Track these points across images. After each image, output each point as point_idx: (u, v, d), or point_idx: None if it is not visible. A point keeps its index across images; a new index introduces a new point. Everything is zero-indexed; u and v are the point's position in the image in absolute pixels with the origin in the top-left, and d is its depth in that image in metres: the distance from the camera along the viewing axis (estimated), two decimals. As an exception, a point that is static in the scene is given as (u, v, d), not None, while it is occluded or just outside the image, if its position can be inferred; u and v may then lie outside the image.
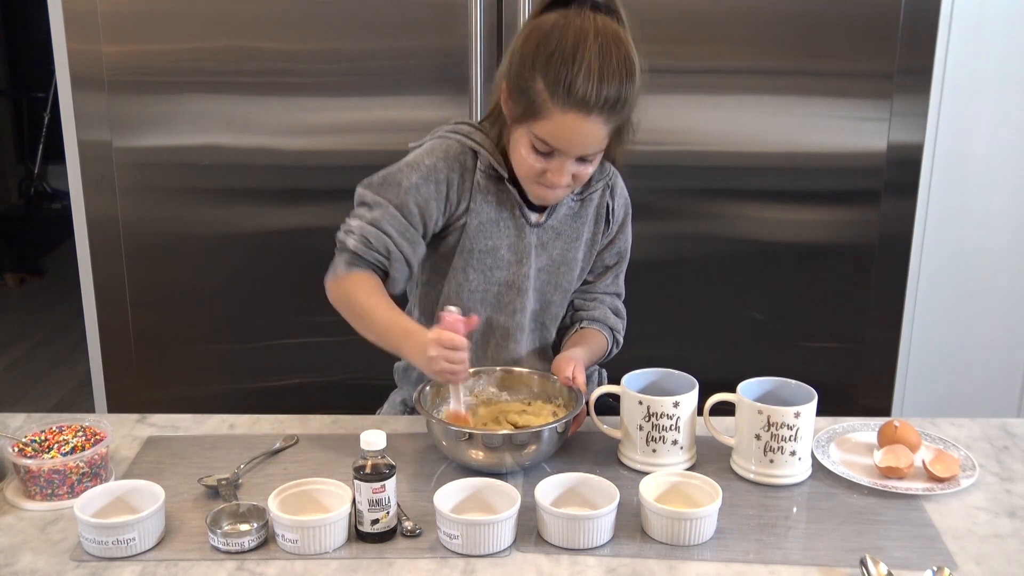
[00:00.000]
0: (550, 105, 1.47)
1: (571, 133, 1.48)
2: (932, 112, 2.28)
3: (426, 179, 1.59)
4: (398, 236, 1.59)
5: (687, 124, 2.26)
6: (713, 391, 1.51)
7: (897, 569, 1.27)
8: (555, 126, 1.48)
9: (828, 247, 2.33)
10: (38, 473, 1.40)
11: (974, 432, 1.64)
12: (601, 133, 1.50)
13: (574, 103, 1.45)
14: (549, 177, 1.54)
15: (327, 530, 1.29)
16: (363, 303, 1.58)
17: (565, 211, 1.68)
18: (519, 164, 1.57)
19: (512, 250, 1.65)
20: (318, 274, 2.37)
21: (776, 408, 1.45)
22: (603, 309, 1.77)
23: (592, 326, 1.75)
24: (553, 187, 1.56)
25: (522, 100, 1.50)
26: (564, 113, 1.46)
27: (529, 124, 1.50)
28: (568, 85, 1.44)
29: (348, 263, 1.61)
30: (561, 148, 1.50)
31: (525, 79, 1.49)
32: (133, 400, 2.35)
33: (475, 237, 1.63)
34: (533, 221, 1.66)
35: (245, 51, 2.21)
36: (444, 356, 1.44)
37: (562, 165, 1.52)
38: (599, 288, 1.77)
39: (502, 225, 1.64)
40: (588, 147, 1.52)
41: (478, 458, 1.45)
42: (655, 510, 1.33)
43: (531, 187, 1.59)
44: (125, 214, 2.30)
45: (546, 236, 1.67)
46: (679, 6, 2.18)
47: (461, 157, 1.61)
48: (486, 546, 1.29)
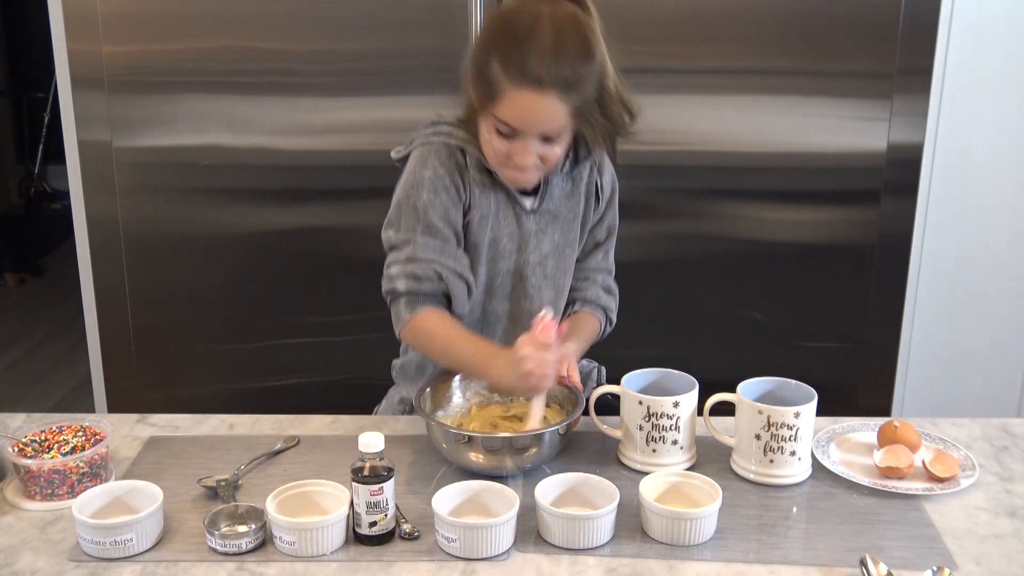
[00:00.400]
0: (506, 84, 1.48)
1: (528, 111, 1.49)
2: (932, 112, 2.28)
3: (435, 191, 1.59)
4: (438, 257, 1.59)
5: (687, 124, 2.26)
6: (713, 391, 1.51)
7: (897, 569, 1.27)
8: (512, 105, 1.49)
9: (828, 247, 2.33)
10: (38, 473, 1.40)
11: (974, 432, 1.64)
12: (559, 111, 1.50)
13: (527, 80, 1.47)
14: (515, 159, 1.54)
15: (325, 532, 1.29)
16: (442, 338, 1.59)
17: (559, 193, 1.68)
18: (487, 150, 1.58)
19: (512, 239, 1.66)
20: (318, 274, 2.37)
21: (776, 408, 1.45)
22: (595, 289, 1.76)
23: (584, 309, 1.75)
24: (521, 170, 1.56)
25: (482, 84, 1.52)
26: (519, 91, 1.48)
27: (491, 108, 1.52)
28: (521, 63, 1.46)
29: (409, 305, 1.60)
30: (520, 128, 1.51)
31: (484, 63, 1.51)
32: (133, 400, 2.35)
33: (478, 231, 1.63)
34: (528, 207, 1.66)
35: (245, 51, 2.21)
36: (535, 358, 1.45)
37: (526, 146, 1.53)
38: (590, 265, 1.77)
39: (501, 216, 1.65)
40: (547, 125, 1.52)
41: (478, 461, 1.45)
42: (655, 510, 1.33)
43: (502, 171, 1.60)
44: (125, 214, 2.30)
45: (544, 221, 1.68)
46: (679, 6, 2.18)
47: (453, 157, 1.61)
48: (484, 549, 1.28)
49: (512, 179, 1.60)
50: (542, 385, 1.49)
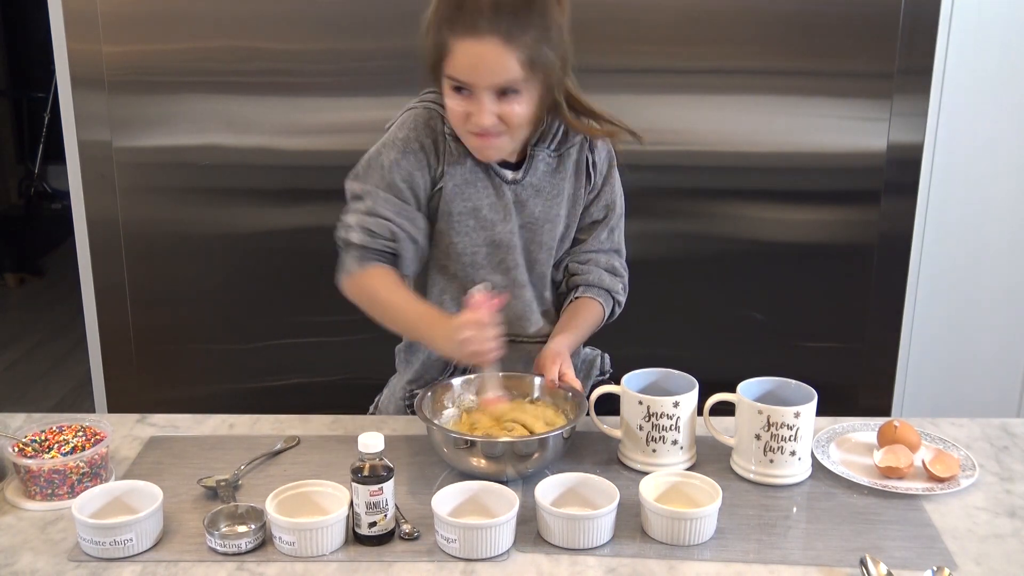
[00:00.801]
0: (448, 38, 1.49)
1: (472, 59, 1.49)
2: (932, 112, 2.28)
3: (404, 152, 1.60)
4: (396, 216, 1.60)
5: (687, 124, 2.26)
6: (713, 391, 1.51)
7: (897, 569, 1.27)
8: (456, 58, 1.50)
9: (828, 247, 2.33)
10: (38, 473, 1.40)
11: (974, 432, 1.64)
12: (506, 60, 1.48)
13: (466, 29, 1.47)
14: (473, 119, 1.53)
15: (324, 532, 1.29)
16: (385, 298, 1.59)
17: (543, 168, 1.67)
18: (451, 119, 1.57)
19: (493, 209, 1.65)
20: (318, 274, 2.36)
21: (776, 408, 1.45)
22: (597, 272, 1.74)
23: (586, 294, 1.73)
24: (483, 134, 1.54)
25: (433, 49, 1.53)
26: (460, 41, 1.48)
27: (443, 69, 1.52)
28: (460, 15, 1.48)
29: (358, 259, 1.61)
30: (470, 79, 1.50)
31: (432, 27, 1.52)
32: (133, 400, 2.35)
33: (452, 200, 1.63)
34: (509, 179, 1.65)
35: (245, 51, 2.21)
36: (475, 336, 1.44)
37: (480, 101, 1.51)
38: (592, 246, 1.75)
39: (479, 185, 1.64)
40: (496, 76, 1.50)
41: (479, 466, 1.44)
42: (655, 510, 1.33)
43: (468, 140, 1.59)
44: (125, 214, 2.31)
45: (525, 193, 1.66)
46: (679, 6, 2.18)
47: (431, 123, 1.62)
48: (484, 550, 1.28)
49: (477, 148, 1.59)
50: (482, 357, 1.47)
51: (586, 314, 1.72)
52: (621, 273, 1.77)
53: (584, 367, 1.80)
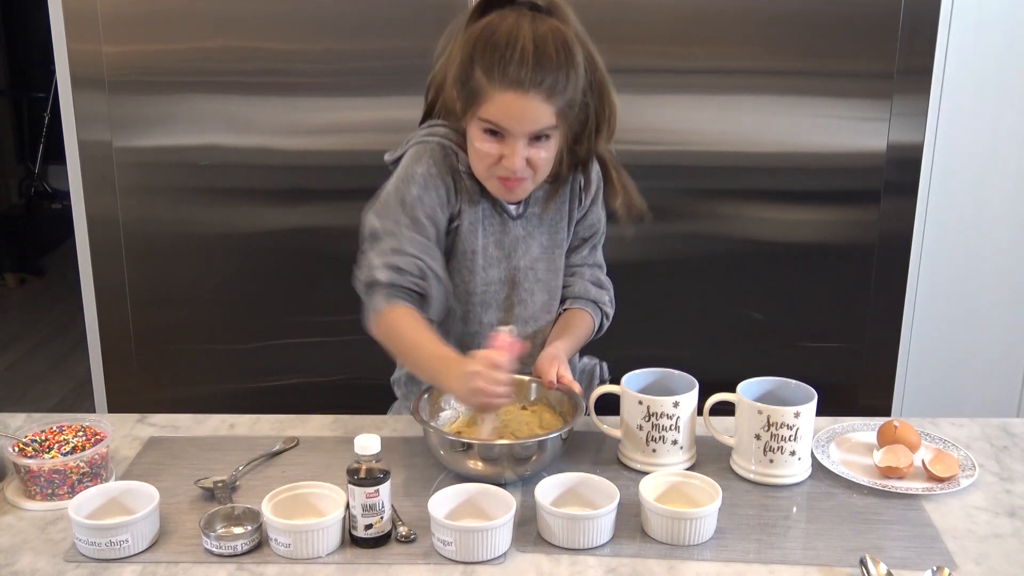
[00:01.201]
0: (488, 88, 1.50)
1: (513, 110, 1.51)
2: (932, 112, 2.28)
3: (426, 188, 1.58)
4: (422, 254, 1.57)
5: (687, 124, 2.26)
6: (713, 391, 1.51)
7: (897, 569, 1.27)
8: (497, 106, 1.51)
9: (828, 247, 2.33)
10: (38, 473, 1.40)
11: (974, 432, 1.64)
12: (545, 110, 1.51)
13: (510, 83, 1.49)
14: (505, 163, 1.54)
15: (320, 534, 1.29)
16: (411, 338, 1.55)
17: (541, 195, 1.68)
18: (476, 158, 1.57)
19: (499, 246, 1.66)
20: (318, 274, 2.37)
21: (776, 408, 1.45)
22: (583, 284, 1.75)
23: (575, 305, 1.74)
24: (511, 176, 1.55)
25: (465, 92, 1.53)
26: (503, 92, 1.49)
27: (475, 111, 1.53)
28: (503, 68, 1.48)
29: (387, 297, 1.56)
30: (507, 126, 1.52)
31: (466, 73, 1.52)
32: (133, 400, 2.35)
33: (466, 239, 1.63)
34: (514, 214, 1.66)
35: (245, 51, 2.21)
36: (485, 376, 1.40)
37: (514, 146, 1.53)
38: (576, 261, 1.76)
39: (487, 224, 1.64)
40: (534, 123, 1.52)
41: (477, 468, 1.44)
42: (655, 510, 1.33)
43: (491, 183, 1.59)
44: (125, 214, 2.31)
45: (531, 225, 1.68)
46: (679, 6, 2.18)
47: (448, 159, 1.61)
48: (480, 553, 1.28)
49: (500, 190, 1.59)
50: (490, 403, 1.44)
51: (578, 323, 1.73)
52: (607, 286, 1.79)
53: (584, 377, 1.80)
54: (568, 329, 1.70)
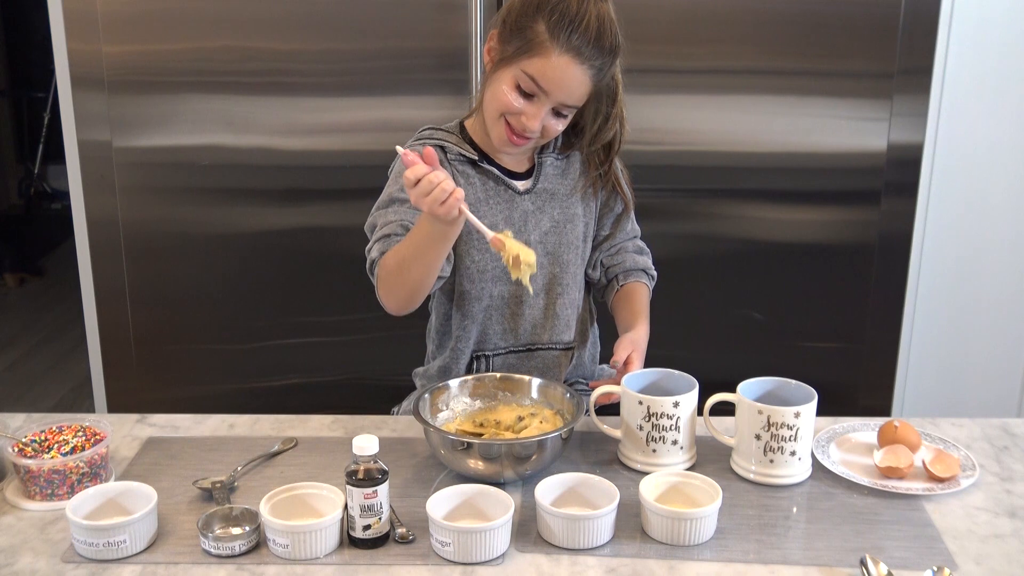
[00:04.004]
0: (549, 44, 1.54)
1: (561, 74, 1.55)
2: (932, 112, 2.28)
3: None
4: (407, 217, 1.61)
5: (687, 124, 2.26)
6: (713, 391, 1.51)
7: (897, 569, 1.27)
8: (548, 65, 1.55)
9: (828, 247, 2.33)
10: (38, 473, 1.39)
11: (974, 432, 1.64)
12: (585, 86, 1.58)
13: (571, 48, 1.54)
14: (522, 120, 1.59)
15: (318, 535, 1.29)
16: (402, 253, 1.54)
17: (552, 171, 1.74)
18: (493, 101, 1.60)
19: (508, 222, 1.69)
20: (318, 274, 2.37)
21: (776, 408, 1.45)
22: (629, 257, 1.83)
23: (629, 279, 1.82)
24: (521, 132, 1.60)
25: (517, 39, 1.57)
26: (561, 55, 1.54)
27: (520, 62, 1.56)
28: (569, 33, 1.53)
29: (380, 252, 1.59)
30: (547, 88, 1.56)
31: (525, 21, 1.56)
32: (133, 400, 2.35)
33: None
34: (521, 189, 1.71)
35: (245, 51, 2.21)
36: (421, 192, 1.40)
37: (539, 110, 1.58)
38: (619, 239, 1.83)
39: (491, 202, 1.68)
40: (571, 94, 1.58)
41: (477, 468, 1.44)
42: (655, 510, 1.33)
43: (496, 128, 1.63)
44: (125, 214, 2.31)
45: (541, 200, 1.72)
46: (679, 6, 2.18)
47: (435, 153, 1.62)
48: (479, 554, 1.28)
49: (502, 136, 1.62)
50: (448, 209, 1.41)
51: (641, 297, 1.81)
52: (646, 251, 1.88)
53: None
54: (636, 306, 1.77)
